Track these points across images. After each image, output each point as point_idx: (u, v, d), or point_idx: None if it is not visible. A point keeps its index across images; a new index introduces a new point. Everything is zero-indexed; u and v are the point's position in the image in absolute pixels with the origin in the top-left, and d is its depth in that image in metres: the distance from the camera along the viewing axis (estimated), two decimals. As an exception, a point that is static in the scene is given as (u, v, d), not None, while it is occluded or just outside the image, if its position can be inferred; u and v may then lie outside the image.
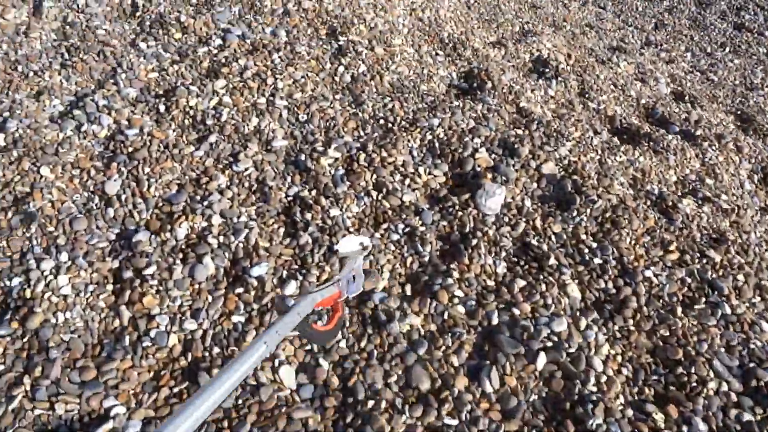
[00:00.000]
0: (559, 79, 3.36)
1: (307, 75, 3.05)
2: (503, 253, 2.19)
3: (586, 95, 3.35)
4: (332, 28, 3.34)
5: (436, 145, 2.65)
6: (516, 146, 2.59)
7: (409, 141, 2.66)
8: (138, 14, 3.46)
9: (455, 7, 4.15)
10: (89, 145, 2.72)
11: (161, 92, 2.98)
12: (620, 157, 2.66)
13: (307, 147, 2.66)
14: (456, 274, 2.10)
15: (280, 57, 3.10)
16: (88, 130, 2.76)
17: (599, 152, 2.67)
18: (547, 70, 3.45)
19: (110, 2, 3.52)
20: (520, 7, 4.79)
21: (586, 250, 2.19)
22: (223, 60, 3.10)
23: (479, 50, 3.48)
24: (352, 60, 3.12)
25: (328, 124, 2.79)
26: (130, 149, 2.66)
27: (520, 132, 2.73)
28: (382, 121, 2.80)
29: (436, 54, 3.45)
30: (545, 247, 2.19)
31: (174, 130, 2.76)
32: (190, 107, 2.85)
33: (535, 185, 2.48)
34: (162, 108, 2.85)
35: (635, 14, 5.33)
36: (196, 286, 2.13)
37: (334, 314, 1.59)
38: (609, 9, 5.39)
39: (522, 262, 2.15)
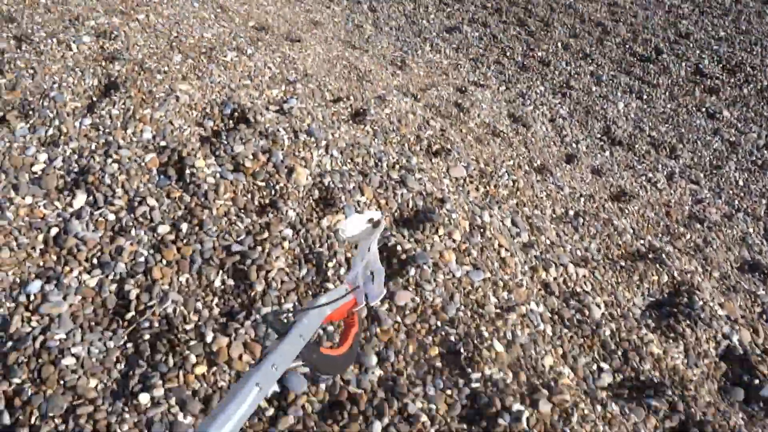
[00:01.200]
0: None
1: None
2: None
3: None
4: (450, 345, 2.10)
5: None
6: None
7: None
8: (130, 316, 2.16)
9: (567, 236, 3.04)
10: None
11: None
12: None
13: None
14: None
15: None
16: None
17: None
18: (756, 381, 2.34)
19: (81, 289, 2.21)
20: (621, 207, 3.74)
21: None
22: (291, 445, 1.81)
23: (678, 374, 2.31)
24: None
25: None
26: None
27: None
28: None
29: (600, 369, 2.27)
30: None
31: None
32: None
33: None
34: None
35: (738, 192, 4.37)
36: None
37: (348, 330, 1.12)
38: (703, 184, 4.41)
39: None
